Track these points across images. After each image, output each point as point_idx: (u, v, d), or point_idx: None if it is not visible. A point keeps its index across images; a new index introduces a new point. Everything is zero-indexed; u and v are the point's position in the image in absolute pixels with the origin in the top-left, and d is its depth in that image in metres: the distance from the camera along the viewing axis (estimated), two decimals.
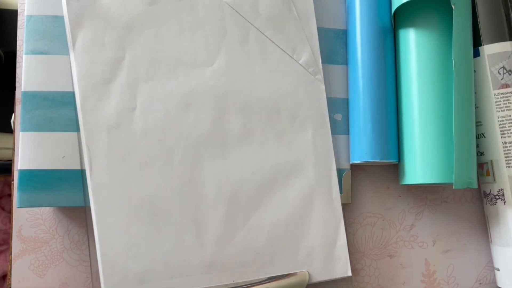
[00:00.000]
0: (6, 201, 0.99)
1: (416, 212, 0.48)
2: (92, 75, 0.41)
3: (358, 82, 0.45)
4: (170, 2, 0.43)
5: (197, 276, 0.41)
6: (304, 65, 0.45)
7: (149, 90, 0.42)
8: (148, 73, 0.42)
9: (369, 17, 0.45)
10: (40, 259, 0.44)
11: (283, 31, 0.45)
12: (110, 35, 0.42)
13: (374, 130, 0.43)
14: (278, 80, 0.44)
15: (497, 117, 0.44)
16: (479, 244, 0.48)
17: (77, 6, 0.41)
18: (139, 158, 0.41)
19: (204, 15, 0.44)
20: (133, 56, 0.42)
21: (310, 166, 0.44)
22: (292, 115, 0.44)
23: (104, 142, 0.41)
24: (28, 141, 0.42)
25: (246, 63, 0.44)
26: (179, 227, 0.41)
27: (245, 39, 0.44)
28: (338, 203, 0.45)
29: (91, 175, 0.40)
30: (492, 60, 0.44)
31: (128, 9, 0.42)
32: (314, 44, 0.45)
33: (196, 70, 0.43)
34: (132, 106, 0.42)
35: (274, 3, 0.45)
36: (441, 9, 0.44)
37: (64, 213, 0.44)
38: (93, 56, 0.41)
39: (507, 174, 0.43)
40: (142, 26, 0.42)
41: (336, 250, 0.44)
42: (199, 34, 0.43)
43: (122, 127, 0.41)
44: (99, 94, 0.41)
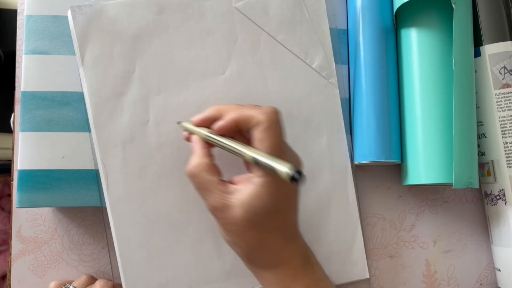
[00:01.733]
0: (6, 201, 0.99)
1: (416, 212, 0.48)
2: (103, 90, 0.40)
3: (361, 83, 0.45)
4: (178, 10, 0.42)
5: (217, 284, 0.42)
6: (318, 69, 0.44)
7: (162, 102, 0.41)
8: (160, 84, 0.41)
9: (370, 17, 0.45)
10: (39, 259, 0.44)
11: (295, 34, 0.44)
12: (119, 48, 0.41)
13: (378, 131, 0.43)
14: (291, 86, 0.44)
15: (498, 117, 0.43)
16: (479, 245, 0.48)
17: (83, 19, 0.40)
18: (155, 170, 0.41)
19: (214, 21, 0.43)
20: (144, 68, 0.41)
21: (326, 171, 0.44)
22: (307, 121, 0.44)
23: (119, 157, 0.40)
24: (28, 141, 0.42)
25: (258, 70, 0.43)
26: (198, 237, 0.41)
27: (256, 45, 0.43)
28: (354, 207, 0.45)
29: (108, 191, 0.40)
30: (493, 60, 0.44)
31: (136, 19, 0.41)
32: (327, 47, 0.45)
33: (208, 79, 0.42)
34: (145, 119, 0.41)
35: (285, 5, 0.44)
36: (442, 9, 0.44)
37: (63, 214, 0.44)
38: (103, 70, 0.41)
39: (508, 174, 0.43)
40: (151, 36, 0.42)
41: (354, 253, 0.44)
42: (209, 42, 0.43)
43: (136, 140, 0.41)
44: (111, 108, 0.40)
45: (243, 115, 0.34)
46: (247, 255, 0.36)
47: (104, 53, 0.41)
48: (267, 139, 0.33)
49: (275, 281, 0.36)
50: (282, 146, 0.34)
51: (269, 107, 0.34)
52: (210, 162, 0.35)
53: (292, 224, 0.36)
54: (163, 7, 0.42)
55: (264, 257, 0.35)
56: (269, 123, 0.33)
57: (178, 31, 0.42)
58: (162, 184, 0.41)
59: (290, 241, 0.36)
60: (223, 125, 0.35)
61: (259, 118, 0.33)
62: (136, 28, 0.41)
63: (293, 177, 0.29)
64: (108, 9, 0.41)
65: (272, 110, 0.34)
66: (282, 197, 0.34)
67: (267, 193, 0.33)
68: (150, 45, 0.42)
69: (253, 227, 0.34)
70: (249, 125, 0.34)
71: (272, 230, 0.34)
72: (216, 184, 0.34)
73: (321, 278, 0.36)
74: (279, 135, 0.34)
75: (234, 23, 0.43)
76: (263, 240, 0.34)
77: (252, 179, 0.33)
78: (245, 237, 0.34)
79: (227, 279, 0.42)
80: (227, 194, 0.34)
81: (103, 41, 0.41)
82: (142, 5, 0.41)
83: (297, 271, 0.35)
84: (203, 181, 0.34)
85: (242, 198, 0.33)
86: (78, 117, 0.42)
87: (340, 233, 0.44)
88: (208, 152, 0.36)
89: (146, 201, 0.41)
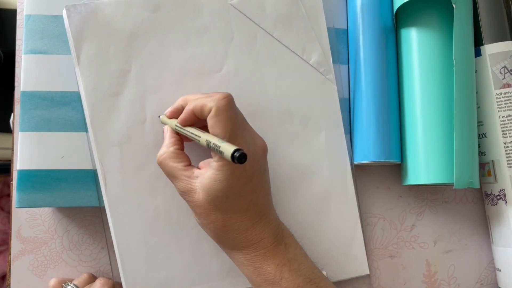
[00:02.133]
0: (5, 201, 0.99)
1: (417, 212, 0.48)
2: (100, 89, 0.40)
3: (361, 82, 0.44)
4: (174, 8, 0.42)
5: (216, 282, 0.42)
6: (315, 65, 0.44)
7: (158, 100, 0.41)
8: (156, 83, 0.41)
9: (370, 17, 0.45)
10: (39, 259, 0.44)
11: (291, 31, 0.44)
12: (115, 47, 0.41)
13: (378, 131, 0.43)
14: (288, 83, 0.44)
15: (498, 117, 0.43)
16: (480, 245, 0.48)
17: (78, 18, 0.40)
18: (153, 169, 0.41)
19: (210, 19, 0.43)
20: (140, 67, 0.41)
21: (324, 168, 0.44)
22: (304, 118, 0.44)
23: (117, 156, 0.40)
24: (27, 141, 0.42)
25: (255, 67, 0.43)
26: (196, 235, 0.41)
27: (252, 41, 0.43)
28: (353, 203, 0.45)
29: (107, 190, 0.40)
30: (494, 60, 0.44)
31: (131, 18, 0.41)
32: (324, 43, 0.44)
33: (205, 77, 0.42)
34: (142, 118, 0.41)
35: (281, 2, 0.44)
36: (443, 8, 0.43)
37: (63, 214, 0.44)
38: (99, 69, 0.40)
39: (508, 174, 0.43)
40: (146, 34, 0.41)
41: (353, 249, 0.44)
42: (205, 40, 0.43)
43: (133, 140, 0.41)
44: (108, 108, 0.40)
45: (196, 104, 0.35)
46: (216, 236, 0.37)
47: (100, 52, 0.41)
48: (217, 125, 0.34)
49: (245, 261, 0.37)
50: (234, 130, 0.34)
51: (221, 93, 0.35)
52: (176, 150, 0.37)
53: (257, 205, 0.36)
54: (158, 5, 0.42)
55: (232, 238, 0.36)
56: (216, 110, 0.34)
57: (174, 29, 0.42)
58: (160, 183, 0.41)
59: (257, 222, 0.36)
60: (183, 117, 0.36)
61: (209, 106, 0.34)
62: (131, 26, 0.41)
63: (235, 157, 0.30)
64: (103, 8, 0.41)
65: (220, 96, 0.34)
66: (240, 180, 0.34)
67: (223, 176, 0.34)
68: (146, 44, 0.41)
69: (216, 209, 0.35)
70: (203, 114, 0.35)
71: (236, 212, 0.35)
72: (181, 170, 0.36)
73: (294, 258, 0.37)
74: (229, 120, 0.34)
75: (230, 20, 0.43)
76: (228, 222, 0.35)
77: (211, 163, 0.35)
78: (211, 219, 0.35)
79: (226, 277, 0.42)
80: (192, 178, 0.35)
81: (99, 40, 0.41)
82: (137, 3, 0.41)
83: (267, 251, 0.36)
84: (169, 168, 0.36)
85: (203, 182, 0.34)
86: (78, 117, 0.42)
87: (340, 230, 0.44)
88: (175, 141, 0.37)
89: (145, 200, 0.41)
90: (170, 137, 0.38)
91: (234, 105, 0.35)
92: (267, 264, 0.36)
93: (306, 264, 0.37)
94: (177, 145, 0.37)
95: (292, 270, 0.36)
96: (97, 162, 0.40)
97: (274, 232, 0.37)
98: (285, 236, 0.38)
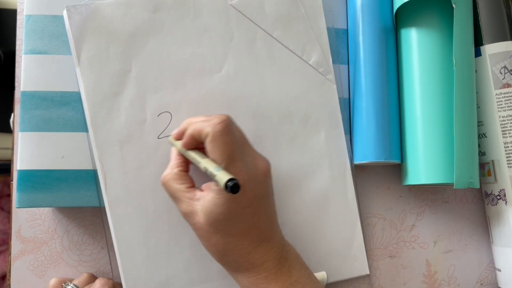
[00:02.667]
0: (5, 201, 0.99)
1: (417, 212, 0.48)
2: (100, 89, 0.40)
3: (360, 82, 0.44)
4: (174, 8, 0.42)
5: (216, 282, 0.42)
6: (315, 65, 0.44)
7: (158, 100, 0.41)
8: (156, 83, 0.41)
9: (370, 17, 0.45)
10: (39, 259, 0.44)
11: (291, 31, 0.44)
12: (115, 47, 0.41)
13: (378, 131, 0.43)
14: (288, 83, 0.44)
15: (498, 117, 0.43)
16: (480, 245, 0.48)
17: (79, 19, 0.40)
18: (153, 169, 0.41)
19: (210, 19, 0.43)
20: (140, 67, 0.41)
21: (324, 168, 0.44)
22: (304, 118, 0.44)
23: (117, 156, 0.40)
24: (27, 141, 0.42)
25: (255, 67, 0.43)
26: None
27: (252, 42, 0.43)
28: (353, 203, 0.45)
29: (107, 190, 0.40)
30: (494, 60, 0.44)
31: (131, 18, 0.41)
32: (323, 43, 0.45)
33: (205, 77, 0.42)
34: (142, 118, 0.41)
35: (281, 2, 0.44)
36: (443, 8, 0.43)
37: (63, 214, 0.44)
38: (99, 69, 0.40)
39: (508, 174, 0.43)
40: (146, 35, 0.42)
41: (353, 249, 0.44)
42: (205, 40, 0.43)
43: (134, 140, 0.41)
44: (108, 108, 0.40)
45: (195, 129, 0.35)
46: (218, 258, 0.37)
47: (100, 53, 0.41)
48: (214, 150, 0.34)
49: (248, 284, 0.36)
50: (232, 155, 0.34)
51: (219, 116, 0.35)
52: (180, 172, 0.37)
53: (259, 228, 0.36)
54: (159, 5, 0.42)
55: (234, 261, 0.36)
56: (213, 135, 0.34)
57: (174, 29, 0.42)
58: (160, 183, 0.41)
59: (258, 245, 0.36)
60: (184, 141, 0.37)
61: (206, 131, 0.34)
62: (131, 27, 0.41)
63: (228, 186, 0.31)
64: (104, 8, 0.41)
65: (217, 121, 0.34)
66: (239, 204, 0.34)
67: (223, 201, 0.34)
68: (146, 44, 0.41)
69: (217, 232, 0.35)
70: (201, 139, 0.35)
71: (236, 235, 0.35)
72: (184, 192, 0.36)
73: (298, 280, 0.36)
74: (227, 144, 0.34)
75: (230, 21, 0.43)
76: (229, 245, 0.35)
77: (211, 186, 0.35)
78: (212, 241, 0.36)
79: (226, 277, 0.42)
80: (194, 200, 0.35)
81: (99, 41, 0.41)
82: (138, 3, 0.41)
83: (269, 274, 0.36)
84: (172, 190, 0.37)
85: (204, 205, 0.35)
86: (78, 117, 0.42)
87: (340, 230, 0.44)
88: (179, 163, 0.38)
89: (145, 200, 0.41)
90: (175, 159, 0.38)
91: (232, 129, 0.35)
92: (271, 287, 0.36)
93: (310, 286, 0.37)
94: (181, 167, 0.37)
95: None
96: (97, 162, 0.40)
97: (277, 255, 0.36)
98: (289, 258, 0.37)
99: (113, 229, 0.40)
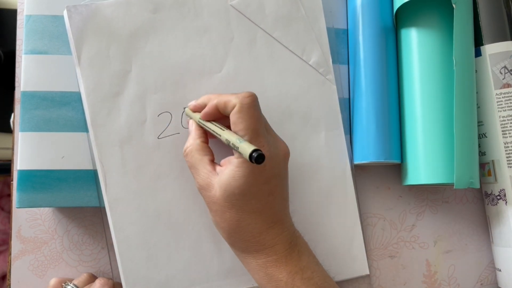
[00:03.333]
0: (6, 201, 0.99)
1: (417, 212, 0.48)
2: (100, 90, 0.40)
3: (361, 82, 0.44)
4: (174, 8, 0.42)
5: (216, 282, 0.42)
6: (315, 65, 0.44)
7: (158, 100, 0.41)
8: (156, 83, 0.41)
9: (370, 17, 0.45)
10: (39, 259, 0.44)
11: (291, 31, 0.44)
12: (115, 47, 0.41)
13: (378, 131, 0.43)
14: (288, 83, 0.44)
15: (498, 117, 0.43)
16: (480, 245, 0.48)
17: (79, 19, 0.40)
18: (153, 169, 0.41)
19: (210, 19, 0.43)
20: (140, 67, 0.41)
21: (325, 167, 0.44)
22: (304, 118, 0.44)
23: (117, 156, 0.40)
24: (28, 141, 0.42)
25: (255, 67, 0.43)
26: (197, 235, 0.41)
27: (252, 42, 0.43)
28: (354, 203, 0.45)
29: (107, 190, 0.40)
30: (494, 60, 0.44)
31: (132, 18, 0.41)
32: (323, 43, 0.45)
33: (205, 77, 0.42)
34: (142, 118, 0.41)
35: (281, 3, 0.44)
36: (443, 8, 0.43)
37: (63, 214, 0.44)
38: (99, 70, 0.41)
39: (508, 174, 0.43)
40: (147, 35, 0.42)
41: (353, 249, 0.44)
42: (205, 40, 0.43)
43: (134, 140, 0.41)
44: (108, 108, 0.40)
45: (221, 100, 0.35)
46: (228, 236, 0.37)
47: (100, 53, 0.41)
48: (239, 121, 0.34)
49: (256, 266, 0.36)
50: (256, 129, 0.34)
51: (246, 91, 0.35)
52: (202, 143, 0.37)
53: (273, 209, 0.36)
54: (159, 5, 0.42)
55: (244, 240, 0.36)
56: (241, 106, 0.34)
57: (174, 30, 0.42)
58: (161, 183, 0.41)
59: (271, 226, 0.36)
60: (206, 111, 0.37)
61: (234, 102, 0.34)
62: (132, 27, 0.41)
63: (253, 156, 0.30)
64: (104, 8, 0.41)
65: (245, 94, 0.35)
66: (258, 180, 0.34)
67: (242, 174, 0.34)
68: (146, 44, 0.41)
69: (231, 207, 0.35)
70: (226, 110, 0.35)
71: (251, 213, 0.35)
72: (205, 164, 0.36)
73: (307, 266, 0.36)
74: (252, 118, 0.34)
75: (230, 21, 0.43)
76: (242, 222, 0.35)
77: (231, 160, 0.35)
78: (225, 217, 0.35)
79: (226, 277, 0.42)
80: (212, 174, 0.35)
81: (99, 41, 0.41)
82: (138, 3, 0.41)
83: (279, 257, 0.36)
84: (193, 160, 0.36)
85: (222, 178, 0.34)
86: (78, 117, 0.42)
87: (340, 229, 0.44)
88: (200, 134, 0.38)
89: (145, 201, 0.41)
90: (196, 130, 0.38)
91: (258, 105, 0.35)
92: (279, 271, 0.35)
93: (319, 273, 0.37)
94: (203, 138, 0.38)
95: (304, 279, 0.35)
96: (98, 162, 0.40)
97: (288, 239, 0.36)
98: (299, 244, 0.37)
99: (113, 229, 0.40)
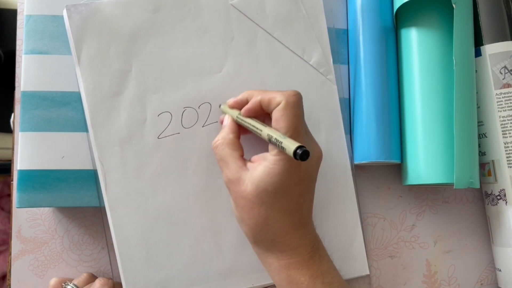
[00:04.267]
0: (6, 201, 0.99)
1: (417, 212, 0.48)
2: (100, 89, 0.40)
3: (361, 82, 0.44)
4: (174, 8, 0.42)
5: (217, 282, 0.42)
6: (315, 65, 0.44)
7: (159, 100, 0.41)
8: (156, 83, 0.41)
9: (371, 17, 0.45)
10: (39, 259, 0.44)
11: (292, 31, 0.44)
12: (115, 47, 0.41)
13: (378, 131, 0.43)
14: (288, 83, 0.44)
15: (498, 117, 0.43)
16: (480, 245, 0.48)
17: (79, 18, 0.40)
18: (153, 169, 0.41)
19: (210, 19, 0.43)
20: (140, 67, 0.41)
21: (325, 167, 0.44)
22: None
23: (117, 156, 0.40)
24: (28, 141, 0.42)
25: (255, 67, 0.43)
26: (197, 235, 0.41)
27: (253, 42, 0.43)
28: (354, 203, 0.45)
29: (107, 190, 0.40)
30: (494, 60, 0.44)
31: (132, 18, 0.41)
32: (324, 43, 0.44)
33: (205, 77, 0.42)
34: (142, 118, 0.41)
35: (281, 2, 0.44)
36: (443, 8, 0.43)
37: (63, 214, 0.44)
38: (99, 69, 0.40)
39: (508, 174, 0.43)
40: (147, 35, 0.42)
41: (354, 249, 0.44)
42: (205, 40, 0.43)
43: (134, 140, 0.41)
44: (108, 108, 0.40)
45: (265, 96, 0.36)
46: (253, 233, 0.36)
47: (100, 53, 0.41)
48: (282, 119, 0.34)
49: (278, 266, 0.36)
50: (298, 128, 0.34)
51: (292, 90, 0.35)
52: (234, 138, 0.37)
53: (301, 211, 0.36)
54: (159, 5, 0.42)
55: (269, 238, 0.36)
56: (285, 103, 0.34)
57: (174, 29, 0.42)
58: (161, 183, 0.41)
59: (298, 227, 0.36)
60: (249, 107, 0.37)
61: (279, 99, 0.34)
62: (132, 26, 0.41)
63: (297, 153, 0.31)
64: (104, 8, 0.41)
65: (291, 92, 0.35)
66: (292, 179, 0.34)
67: (277, 171, 0.34)
68: (146, 44, 0.41)
69: (261, 204, 0.34)
70: (270, 107, 0.35)
71: (280, 211, 0.35)
72: (235, 159, 0.36)
73: (328, 271, 0.36)
74: (296, 116, 0.34)
75: (231, 21, 0.43)
76: (270, 220, 0.35)
77: (267, 156, 0.35)
78: (253, 213, 0.35)
79: (227, 277, 0.42)
80: (243, 169, 0.35)
81: (99, 40, 0.41)
82: (138, 3, 0.41)
83: (302, 260, 0.35)
84: (223, 154, 0.36)
85: (254, 174, 0.34)
86: (78, 117, 0.42)
87: (340, 229, 0.44)
88: (234, 129, 0.38)
89: (145, 200, 0.41)
90: (231, 125, 0.38)
91: (302, 105, 0.35)
92: (301, 274, 0.35)
93: (338, 278, 0.37)
94: (236, 133, 0.38)
95: (325, 283, 0.35)
96: (98, 162, 0.40)
97: (311, 242, 0.36)
98: (320, 248, 0.37)
99: (113, 229, 0.40)
